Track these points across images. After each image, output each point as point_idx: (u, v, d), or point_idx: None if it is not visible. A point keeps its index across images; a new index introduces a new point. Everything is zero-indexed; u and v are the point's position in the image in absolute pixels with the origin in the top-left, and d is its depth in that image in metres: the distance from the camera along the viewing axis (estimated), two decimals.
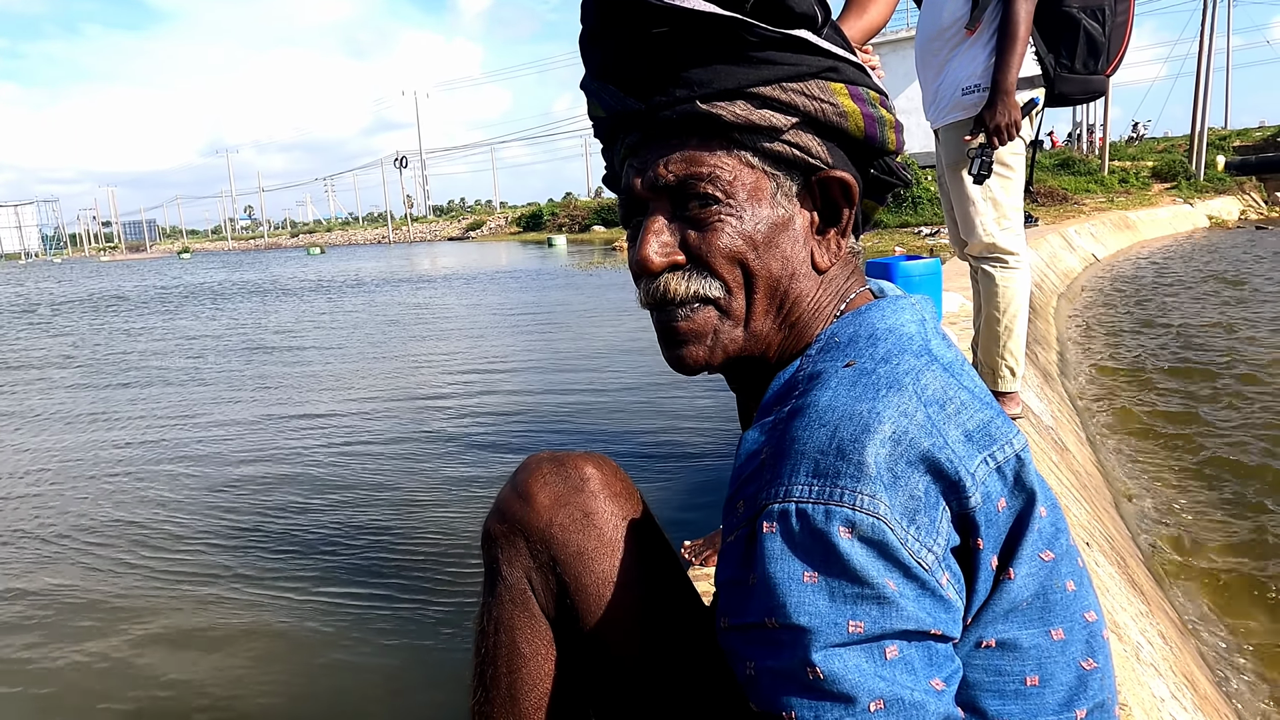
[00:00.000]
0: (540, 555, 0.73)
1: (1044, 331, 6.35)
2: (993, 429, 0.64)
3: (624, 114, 0.74)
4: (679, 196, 0.72)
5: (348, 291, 18.82)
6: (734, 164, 0.71)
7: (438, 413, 6.12)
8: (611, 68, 0.74)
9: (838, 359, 0.67)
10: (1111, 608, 1.85)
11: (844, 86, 0.72)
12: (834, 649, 0.56)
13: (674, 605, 0.73)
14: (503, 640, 0.74)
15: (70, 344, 11.88)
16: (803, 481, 0.59)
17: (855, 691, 0.56)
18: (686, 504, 3.85)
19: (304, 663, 2.84)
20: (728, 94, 0.69)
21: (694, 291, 0.72)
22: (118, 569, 3.68)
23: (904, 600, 0.57)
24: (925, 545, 0.59)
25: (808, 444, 0.60)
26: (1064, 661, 0.64)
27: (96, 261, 77.47)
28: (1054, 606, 0.64)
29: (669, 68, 0.70)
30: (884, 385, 0.62)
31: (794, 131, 0.71)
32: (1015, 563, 0.63)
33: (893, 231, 19.06)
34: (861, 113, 0.73)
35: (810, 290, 0.74)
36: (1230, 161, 24.99)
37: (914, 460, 0.59)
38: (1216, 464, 3.79)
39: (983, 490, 0.61)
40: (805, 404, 0.63)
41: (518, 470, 0.77)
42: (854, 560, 0.57)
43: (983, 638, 0.63)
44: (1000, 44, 2.32)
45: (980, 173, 2.36)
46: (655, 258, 0.72)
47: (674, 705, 0.70)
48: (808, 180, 0.74)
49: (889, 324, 0.70)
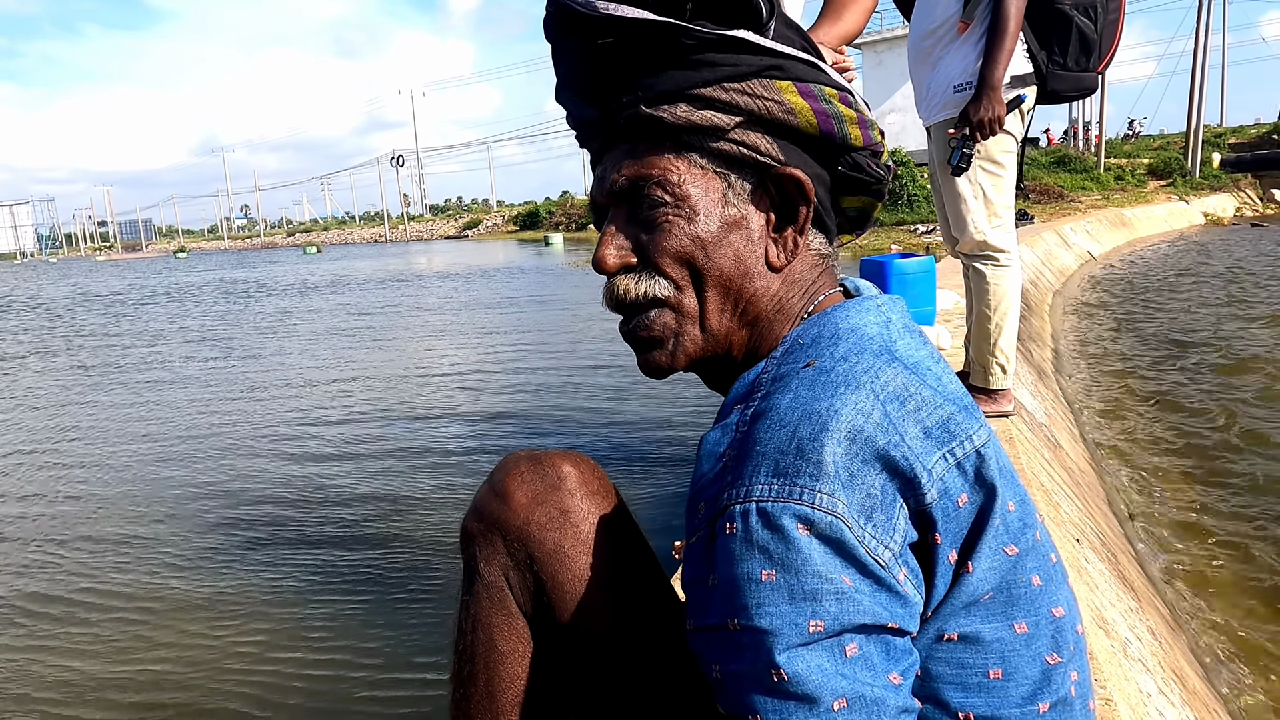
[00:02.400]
0: (517, 553, 0.73)
1: (1039, 329, 6.36)
2: (953, 425, 0.64)
3: (585, 122, 0.77)
4: (633, 201, 0.74)
5: (356, 289, 18.80)
6: (683, 166, 0.73)
7: (419, 410, 6.12)
8: (570, 79, 0.77)
9: (799, 360, 0.68)
10: (1100, 604, 1.85)
11: (791, 84, 0.72)
12: (796, 649, 0.57)
13: (651, 603, 0.74)
14: (480, 638, 0.74)
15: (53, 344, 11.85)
16: (763, 481, 0.59)
17: (819, 692, 0.56)
18: (679, 505, 3.85)
19: (282, 658, 2.85)
20: (669, 96, 0.71)
21: (644, 292, 0.74)
22: (104, 571, 3.67)
23: (860, 596, 0.58)
24: (881, 542, 0.59)
25: (769, 445, 0.60)
26: (1028, 655, 0.64)
27: (92, 261, 77.31)
28: (1017, 600, 0.64)
29: (619, 75, 0.72)
30: (842, 383, 0.62)
31: (740, 130, 0.72)
32: (975, 557, 0.63)
33: (888, 229, 19.09)
34: (813, 109, 0.73)
35: (767, 288, 0.75)
36: (1226, 159, 25.01)
37: (869, 458, 0.59)
38: (1212, 461, 3.80)
39: (940, 486, 0.61)
40: (767, 407, 0.63)
41: (495, 469, 0.77)
42: (812, 558, 0.57)
43: (944, 630, 0.63)
44: (989, 39, 2.32)
45: (959, 165, 2.37)
46: (609, 259, 0.74)
47: (650, 702, 0.71)
48: (761, 179, 0.74)
49: (851, 324, 0.70)
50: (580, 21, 0.71)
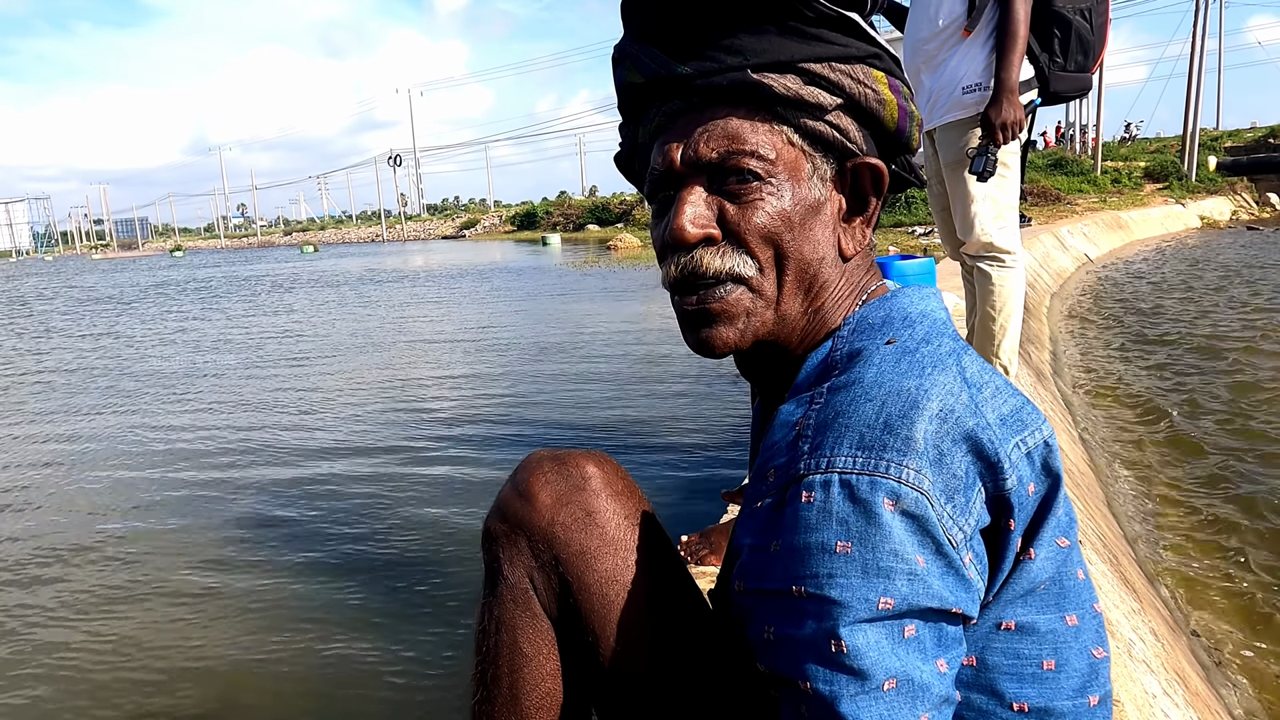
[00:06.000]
0: (542, 555, 0.73)
1: (1037, 331, 6.37)
2: (1025, 415, 0.64)
3: (665, 79, 0.71)
4: (718, 171, 0.70)
5: (359, 285, 18.77)
6: (777, 140, 0.70)
7: (433, 408, 6.11)
8: (656, 30, 0.72)
9: (875, 338, 0.67)
10: (1104, 605, 1.86)
11: (884, 76, 0.72)
12: (860, 624, 0.57)
13: (678, 604, 0.73)
14: (504, 640, 0.74)
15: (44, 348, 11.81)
16: (846, 453, 0.58)
17: (873, 669, 0.56)
18: (683, 501, 3.86)
19: (301, 658, 2.83)
20: (780, 66, 0.68)
21: (729, 268, 0.70)
22: (114, 570, 3.66)
23: (930, 578, 0.57)
24: (957, 524, 0.59)
25: (854, 417, 0.60)
26: (1078, 648, 0.65)
27: (89, 259, 77.05)
28: (1068, 593, 0.65)
29: (718, 34, 0.69)
30: (929, 364, 0.62)
31: (837, 113, 0.71)
32: (1036, 544, 0.63)
33: (887, 231, 19.09)
34: (898, 104, 0.73)
35: (835, 277, 0.73)
36: (1222, 162, 25.10)
37: (958, 439, 0.59)
38: (1210, 460, 3.81)
39: (1018, 473, 0.62)
40: (850, 379, 0.63)
41: (518, 469, 0.77)
42: (894, 533, 0.57)
43: (1002, 619, 0.64)
44: (1001, 43, 2.33)
45: (985, 170, 2.36)
46: (691, 228, 0.69)
47: (678, 705, 0.70)
48: (841, 165, 0.73)
49: (920, 309, 0.70)
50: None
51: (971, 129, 2.46)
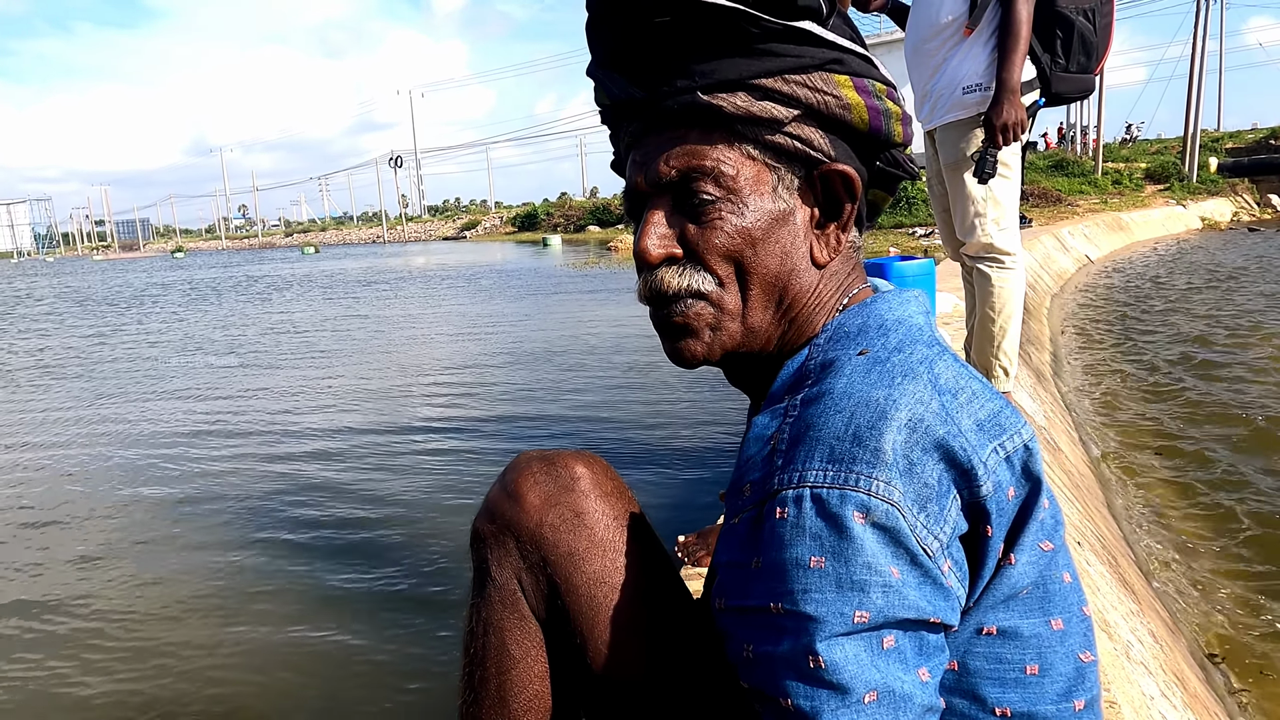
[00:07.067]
0: (530, 556, 0.72)
1: (1037, 332, 6.37)
2: (1002, 419, 0.64)
3: (627, 102, 0.74)
4: (680, 189, 0.72)
5: (360, 289, 18.78)
6: (736, 157, 0.71)
7: (423, 409, 6.11)
8: (615, 56, 0.73)
9: (849, 348, 0.67)
10: (1102, 606, 1.85)
11: (848, 79, 0.72)
12: (837, 638, 0.56)
13: (667, 606, 0.73)
14: (492, 642, 0.73)
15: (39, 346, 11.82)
16: (817, 467, 0.58)
17: (852, 683, 0.56)
18: (680, 503, 3.85)
19: (290, 660, 2.83)
20: (729, 85, 0.69)
21: (686, 286, 0.72)
22: (114, 568, 3.66)
23: (906, 589, 0.57)
24: (932, 533, 0.59)
25: (823, 430, 0.59)
26: (1063, 652, 0.65)
27: (90, 260, 77.16)
28: (1053, 597, 0.65)
29: (672, 57, 0.70)
30: (899, 373, 0.62)
31: (796, 124, 0.71)
32: (1017, 549, 0.63)
33: (887, 232, 19.08)
34: (866, 105, 0.72)
35: (809, 284, 0.74)
36: (1223, 163, 25.09)
37: (929, 447, 0.59)
38: (1211, 460, 3.80)
39: (994, 479, 0.61)
40: (820, 391, 0.63)
41: (506, 469, 0.76)
42: (865, 546, 0.57)
43: (984, 624, 0.63)
44: (1004, 43, 2.32)
45: (986, 172, 2.36)
46: (653, 249, 0.72)
47: (666, 707, 0.70)
48: (809, 173, 0.73)
49: (897, 315, 0.70)
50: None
51: (972, 129, 2.46)
